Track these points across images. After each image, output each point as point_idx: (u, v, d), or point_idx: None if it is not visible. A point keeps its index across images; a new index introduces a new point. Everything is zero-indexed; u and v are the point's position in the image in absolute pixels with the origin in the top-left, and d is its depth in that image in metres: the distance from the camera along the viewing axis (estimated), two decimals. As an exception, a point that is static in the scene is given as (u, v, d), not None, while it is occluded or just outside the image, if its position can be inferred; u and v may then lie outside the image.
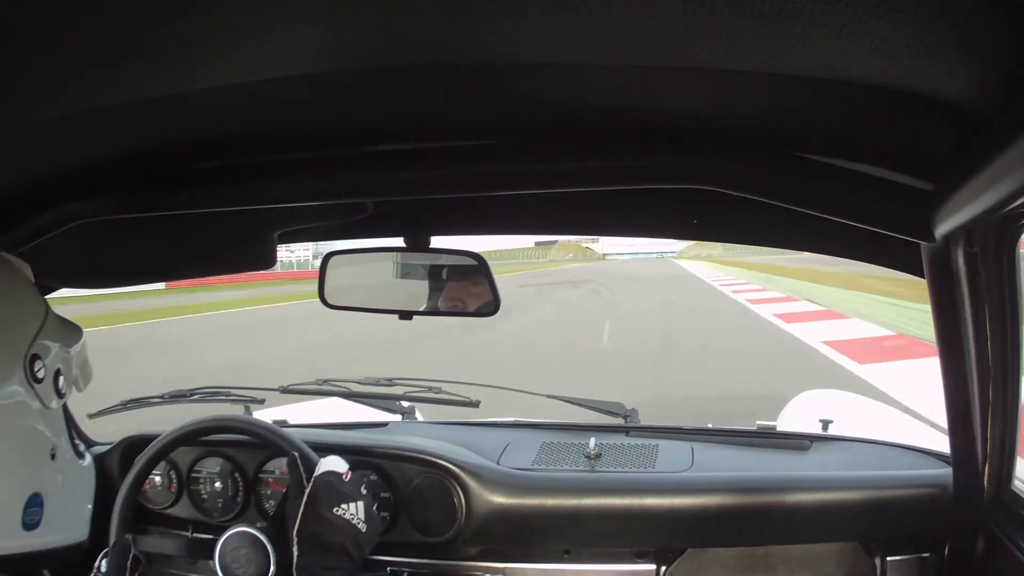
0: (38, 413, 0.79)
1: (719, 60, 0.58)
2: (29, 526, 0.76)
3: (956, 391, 1.02)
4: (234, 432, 1.35)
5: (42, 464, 0.80)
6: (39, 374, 0.79)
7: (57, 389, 0.82)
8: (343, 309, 1.37)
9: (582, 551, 1.40)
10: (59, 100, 0.64)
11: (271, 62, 0.60)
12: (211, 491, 1.54)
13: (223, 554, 1.25)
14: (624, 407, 1.68)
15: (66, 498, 0.83)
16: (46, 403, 0.80)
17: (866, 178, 0.77)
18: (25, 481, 0.77)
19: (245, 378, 2.00)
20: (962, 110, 0.58)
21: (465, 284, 1.33)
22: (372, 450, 1.47)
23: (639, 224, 1.28)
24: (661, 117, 0.76)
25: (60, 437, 0.83)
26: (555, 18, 0.51)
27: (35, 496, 0.77)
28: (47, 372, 0.80)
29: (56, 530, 0.80)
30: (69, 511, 0.84)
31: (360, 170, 0.88)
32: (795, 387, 2.84)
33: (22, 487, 0.76)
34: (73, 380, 0.86)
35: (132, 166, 0.90)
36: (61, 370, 0.83)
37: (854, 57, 0.54)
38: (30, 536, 0.76)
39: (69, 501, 0.84)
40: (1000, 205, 0.58)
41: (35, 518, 0.77)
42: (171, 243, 1.25)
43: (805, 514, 1.31)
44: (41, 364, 0.79)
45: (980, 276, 0.89)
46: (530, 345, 8.99)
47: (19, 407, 0.76)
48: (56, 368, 0.82)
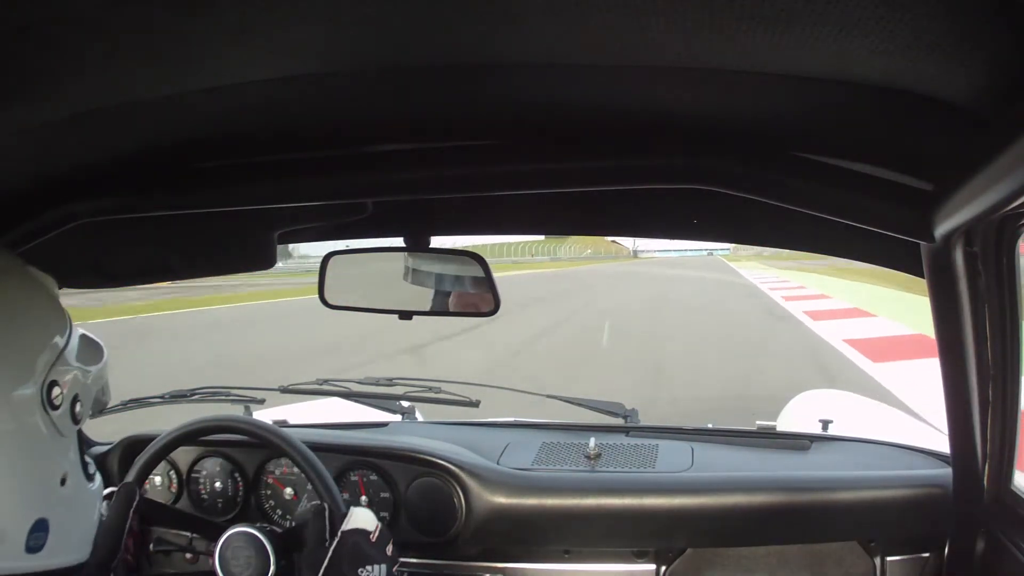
0: (51, 440, 0.77)
1: (719, 60, 0.58)
2: (32, 549, 0.75)
3: (956, 391, 1.02)
4: (234, 432, 1.35)
5: (51, 491, 0.78)
6: (56, 401, 0.77)
7: (74, 415, 0.80)
8: (343, 309, 1.37)
9: (582, 551, 1.40)
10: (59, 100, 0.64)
11: (271, 62, 0.60)
12: (211, 491, 1.54)
13: (223, 554, 1.25)
14: (624, 407, 1.68)
15: (72, 523, 0.82)
16: (61, 431, 0.78)
17: (866, 178, 0.77)
18: (33, 507, 0.76)
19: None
20: (962, 110, 0.58)
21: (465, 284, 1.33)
22: (372, 450, 1.47)
23: (639, 224, 1.28)
24: (661, 117, 0.76)
25: (72, 463, 0.82)
26: (555, 18, 0.51)
27: (41, 521, 0.76)
28: (64, 399, 0.78)
29: (58, 554, 0.79)
30: (74, 536, 0.83)
31: (360, 170, 0.88)
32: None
33: (29, 512, 0.75)
34: (90, 405, 0.84)
35: (132, 166, 0.90)
36: (79, 396, 0.81)
37: (854, 57, 0.54)
38: (32, 559, 0.75)
39: (75, 526, 0.83)
40: (1000, 205, 0.58)
41: (39, 542, 0.76)
42: (171, 243, 1.25)
43: (805, 514, 1.31)
44: (60, 391, 0.77)
45: (980, 276, 0.89)
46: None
47: (33, 435, 0.75)
48: (75, 394, 0.80)
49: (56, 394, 0.77)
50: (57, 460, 0.79)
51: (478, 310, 1.32)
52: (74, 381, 0.80)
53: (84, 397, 0.82)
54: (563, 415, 1.79)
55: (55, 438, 0.78)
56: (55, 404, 0.77)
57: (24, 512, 0.74)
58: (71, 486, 0.81)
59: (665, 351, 8.13)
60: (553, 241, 75.58)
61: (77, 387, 0.80)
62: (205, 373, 5.92)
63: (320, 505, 1.21)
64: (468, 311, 1.35)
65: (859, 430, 1.68)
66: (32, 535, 0.75)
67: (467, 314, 1.36)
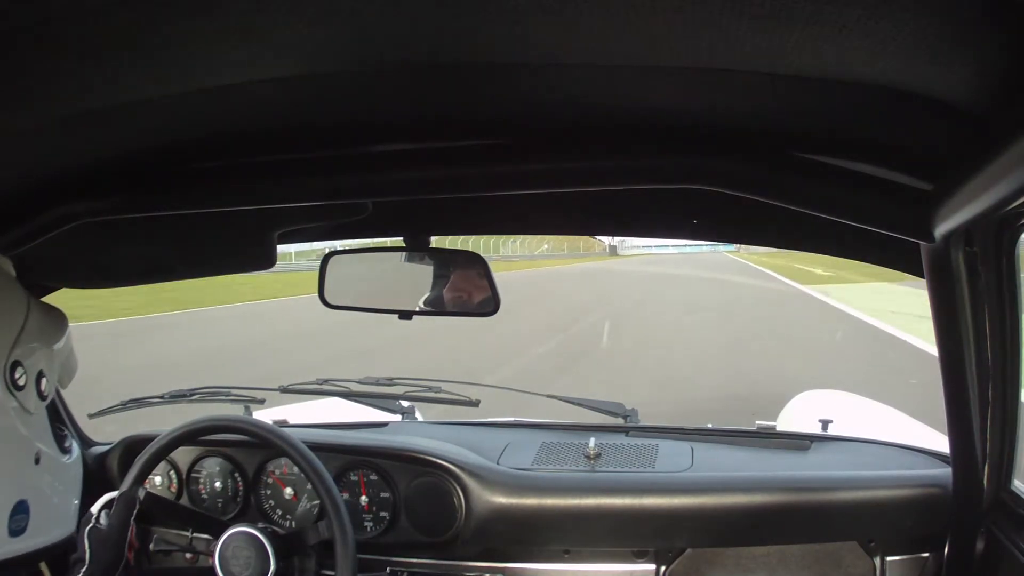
0: (20, 420, 0.77)
1: (719, 60, 0.58)
2: (15, 532, 0.75)
3: (956, 391, 1.02)
4: (234, 432, 1.35)
5: (26, 470, 0.78)
6: (20, 381, 0.77)
7: (40, 392, 0.80)
8: (343, 309, 1.37)
9: (582, 551, 1.40)
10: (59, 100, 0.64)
11: (271, 62, 0.60)
12: (211, 491, 1.54)
13: (223, 554, 1.25)
14: (624, 407, 1.68)
15: (52, 500, 0.82)
16: (28, 409, 0.78)
17: (866, 178, 0.77)
18: (10, 490, 0.75)
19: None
20: (962, 110, 0.59)
21: (464, 284, 1.33)
22: (372, 450, 1.47)
23: (639, 224, 1.28)
24: (660, 117, 0.76)
25: (44, 439, 0.81)
26: (555, 18, 0.51)
27: (20, 503, 0.76)
28: (28, 378, 0.78)
29: (43, 532, 0.79)
30: (56, 512, 0.82)
31: (360, 170, 0.88)
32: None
33: (7, 496, 0.75)
34: (57, 379, 0.84)
35: (132, 166, 0.90)
36: (43, 371, 0.80)
37: (854, 57, 0.54)
38: (16, 542, 0.75)
39: (55, 502, 0.82)
40: (999, 205, 0.59)
41: (21, 524, 0.76)
42: (171, 243, 1.25)
43: (805, 514, 1.31)
44: (22, 371, 0.77)
45: (979, 276, 0.89)
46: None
47: (1, 418, 0.75)
48: (38, 370, 0.79)
49: (19, 375, 0.76)
50: (29, 439, 0.79)
51: (477, 310, 1.32)
52: (36, 358, 0.79)
53: (49, 371, 0.81)
54: (563, 415, 1.79)
55: (23, 417, 0.77)
56: (19, 385, 0.76)
57: (2, 495, 0.74)
58: (46, 463, 0.81)
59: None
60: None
61: (40, 363, 0.80)
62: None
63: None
64: (467, 311, 1.36)
65: (859, 430, 1.68)
66: (13, 518, 0.74)
67: (466, 314, 1.37)
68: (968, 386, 1.00)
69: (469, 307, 1.35)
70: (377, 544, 1.45)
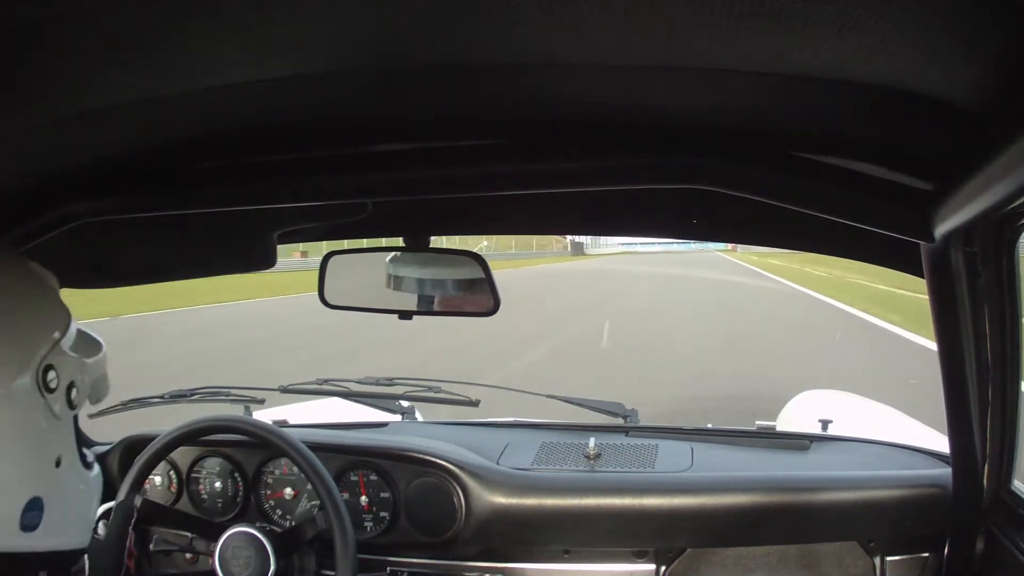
0: (46, 421, 0.79)
1: (718, 60, 0.58)
2: (27, 527, 0.76)
3: (955, 391, 1.02)
4: (234, 432, 1.35)
5: (46, 470, 0.79)
6: (51, 384, 0.79)
7: (69, 400, 0.81)
8: (343, 309, 1.37)
9: (582, 551, 1.40)
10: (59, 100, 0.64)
11: (271, 62, 0.60)
12: (211, 491, 1.54)
13: (223, 554, 1.25)
14: (624, 407, 1.68)
15: (68, 505, 0.82)
16: (56, 413, 0.79)
17: (865, 178, 0.77)
18: (27, 484, 0.77)
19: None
20: (962, 110, 0.58)
21: (465, 284, 1.33)
22: (372, 450, 1.47)
23: (638, 224, 1.28)
24: (660, 117, 0.76)
25: (67, 446, 0.83)
26: (555, 18, 0.51)
27: (35, 500, 0.77)
28: (60, 383, 0.80)
29: (54, 534, 0.80)
30: (69, 518, 0.83)
31: (360, 170, 0.88)
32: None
33: (24, 489, 0.76)
34: (87, 393, 0.86)
35: (132, 166, 0.90)
36: (75, 382, 0.82)
37: (853, 57, 0.54)
38: (28, 537, 0.76)
39: (71, 508, 0.83)
40: (999, 205, 0.59)
41: (34, 521, 0.76)
42: (171, 243, 1.25)
43: (805, 514, 1.31)
44: (54, 374, 0.79)
45: (979, 276, 0.89)
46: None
47: (28, 414, 0.76)
48: (71, 380, 0.81)
49: (51, 377, 0.78)
50: (52, 441, 0.80)
51: (478, 309, 1.32)
52: (70, 367, 0.81)
53: (80, 385, 0.83)
54: (563, 415, 1.79)
55: (50, 419, 0.79)
56: (50, 387, 0.78)
57: (18, 489, 0.75)
58: (66, 468, 0.82)
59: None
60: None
61: (73, 374, 0.82)
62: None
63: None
64: (467, 311, 1.35)
65: (859, 430, 1.68)
66: (26, 513, 0.75)
67: (466, 314, 1.37)
68: (968, 386, 1.00)
69: (469, 307, 1.35)
70: (377, 544, 1.45)
